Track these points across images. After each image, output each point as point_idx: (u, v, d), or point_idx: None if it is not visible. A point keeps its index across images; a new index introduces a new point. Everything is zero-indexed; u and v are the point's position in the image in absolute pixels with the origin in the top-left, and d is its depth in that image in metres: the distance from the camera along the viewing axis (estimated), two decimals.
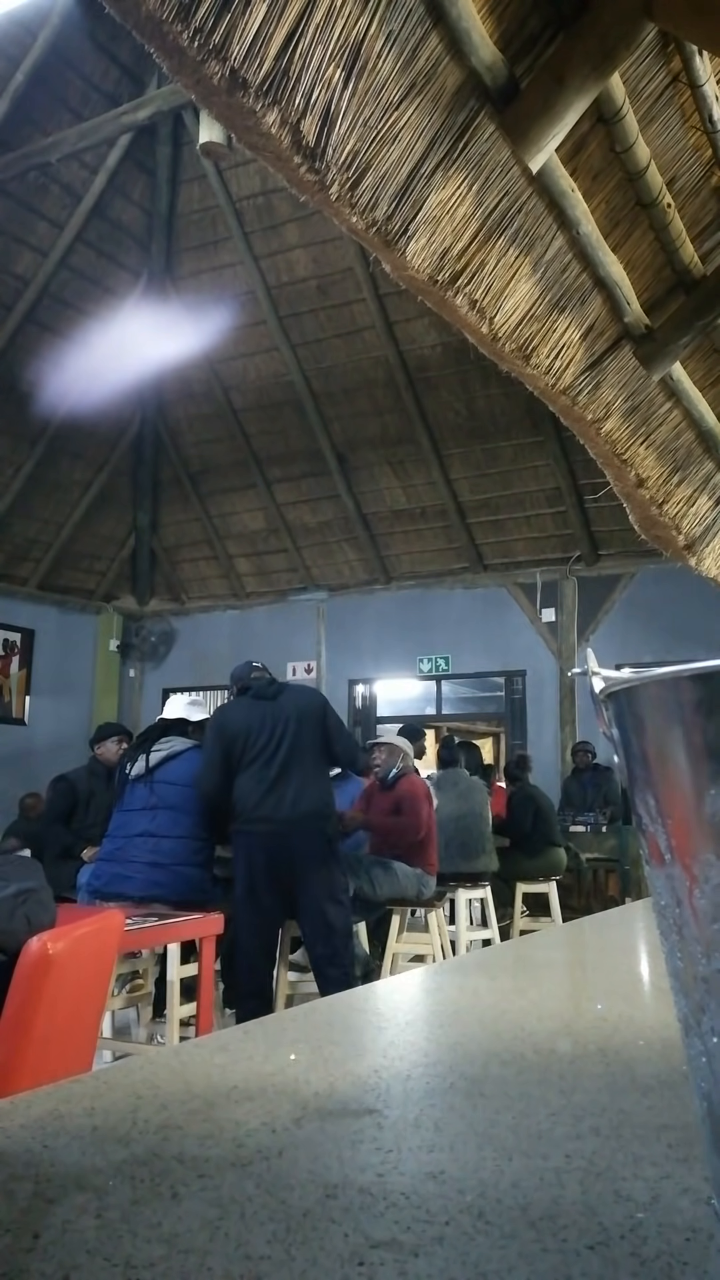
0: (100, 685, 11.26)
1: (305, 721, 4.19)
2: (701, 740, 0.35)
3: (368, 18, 1.62)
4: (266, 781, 4.05)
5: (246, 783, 4.08)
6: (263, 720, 4.17)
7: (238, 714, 4.26)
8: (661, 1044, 0.80)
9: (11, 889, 2.03)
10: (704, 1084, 0.38)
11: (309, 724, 4.20)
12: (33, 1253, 0.44)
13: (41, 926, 2.02)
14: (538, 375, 2.45)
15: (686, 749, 0.36)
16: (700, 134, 2.35)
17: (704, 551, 3.38)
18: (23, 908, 2.02)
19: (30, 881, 2.09)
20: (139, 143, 8.90)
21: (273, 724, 4.17)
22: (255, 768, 4.08)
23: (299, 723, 4.18)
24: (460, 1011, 0.99)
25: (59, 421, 9.56)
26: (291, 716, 4.18)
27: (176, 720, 4.55)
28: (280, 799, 4.03)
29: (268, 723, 4.17)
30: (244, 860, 4.04)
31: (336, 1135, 0.59)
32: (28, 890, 2.05)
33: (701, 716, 0.35)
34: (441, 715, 11.05)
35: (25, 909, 2.02)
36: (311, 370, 9.69)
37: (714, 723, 0.35)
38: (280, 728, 4.16)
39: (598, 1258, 0.43)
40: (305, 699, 4.34)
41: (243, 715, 4.23)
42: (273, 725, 4.17)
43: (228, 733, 4.18)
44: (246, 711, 4.24)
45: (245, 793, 4.07)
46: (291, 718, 4.17)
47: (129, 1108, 0.64)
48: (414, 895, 5.08)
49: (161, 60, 1.52)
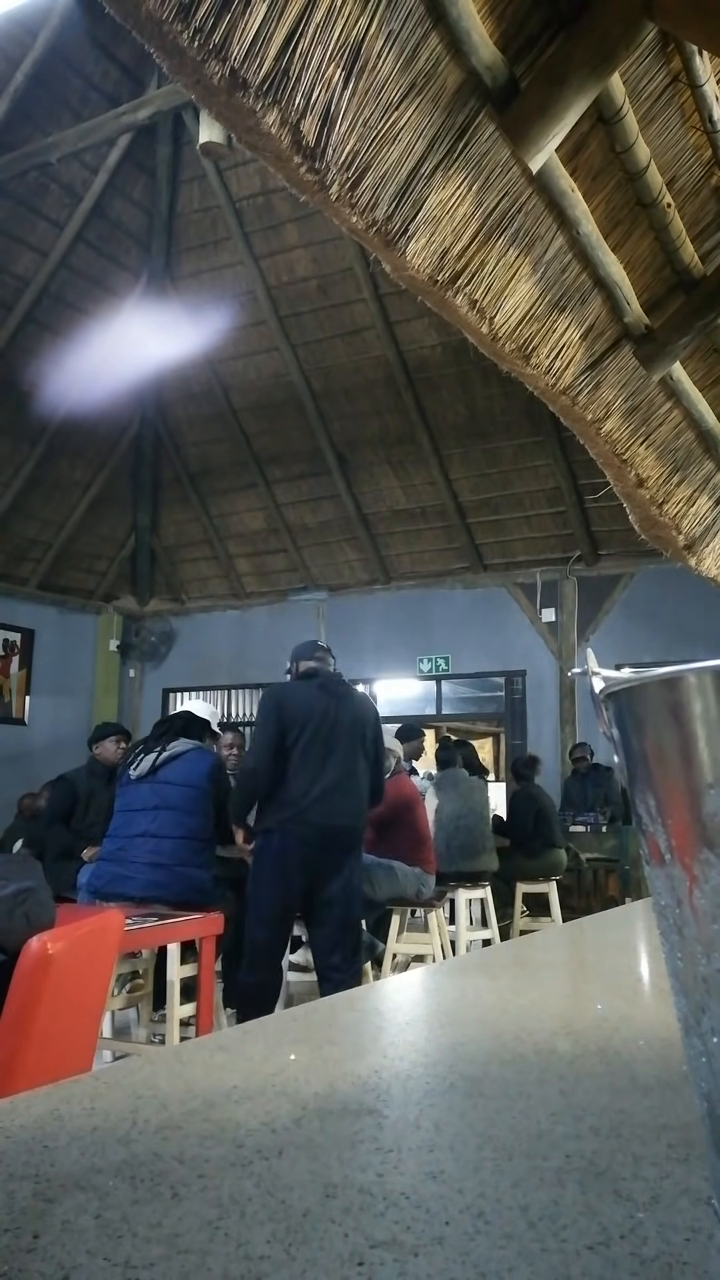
0: (100, 685, 11.26)
1: (361, 729, 4.04)
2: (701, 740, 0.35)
3: (368, 18, 1.62)
4: (324, 780, 3.87)
5: (299, 776, 3.87)
6: (325, 713, 3.96)
7: (301, 698, 4.01)
8: (661, 1044, 0.80)
9: (11, 888, 2.03)
10: (704, 1084, 0.38)
11: (362, 733, 4.05)
12: (33, 1253, 0.44)
13: (41, 925, 2.02)
14: (538, 375, 2.45)
15: (686, 749, 0.36)
16: (700, 134, 2.35)
17: (704, 551, 3.38)
18: (22, 906, 2.02)
19: (29, 880, 2.09)
20: (139, 143, 8.90)
21: (334, 721, 3.97)
22: (310, 762, 3.88)
23: (358, 728, 4.02)
24: (460, 1011, 0.99)
25: (59, 421, 9.56)
26: (353, 719, 4.02)
27: (197, 720, 4.46)
28: (336, 802, 3.87)
29: (330, 717, 3.97)
30: (278, 854, 3.83)
31: (336, 1135, 0.59)
32: (27, 889, 2.05)
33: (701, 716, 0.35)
34: (441, 715, 11.05)
35: (25, 908, 2.02)
36: (311, 370, 9.68)
37: (714, 722, 0.35)
38: (341, 727, 3.97)
39: (598, 1258, 0.43)
40: (366, 706, 4.19)
41: (306, 701, 3.99)
42: (334, 722, 3.97)
43: (287, 714, 3.95)
44: (311, 698, 4.01)
45: (297, 786, 3.86)
46: (353, 720, 4.01)
47: (129, 1108, 0.64)
48: (414, 895, 5.08)
49: (161, 60, 1.52)
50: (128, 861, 3.97)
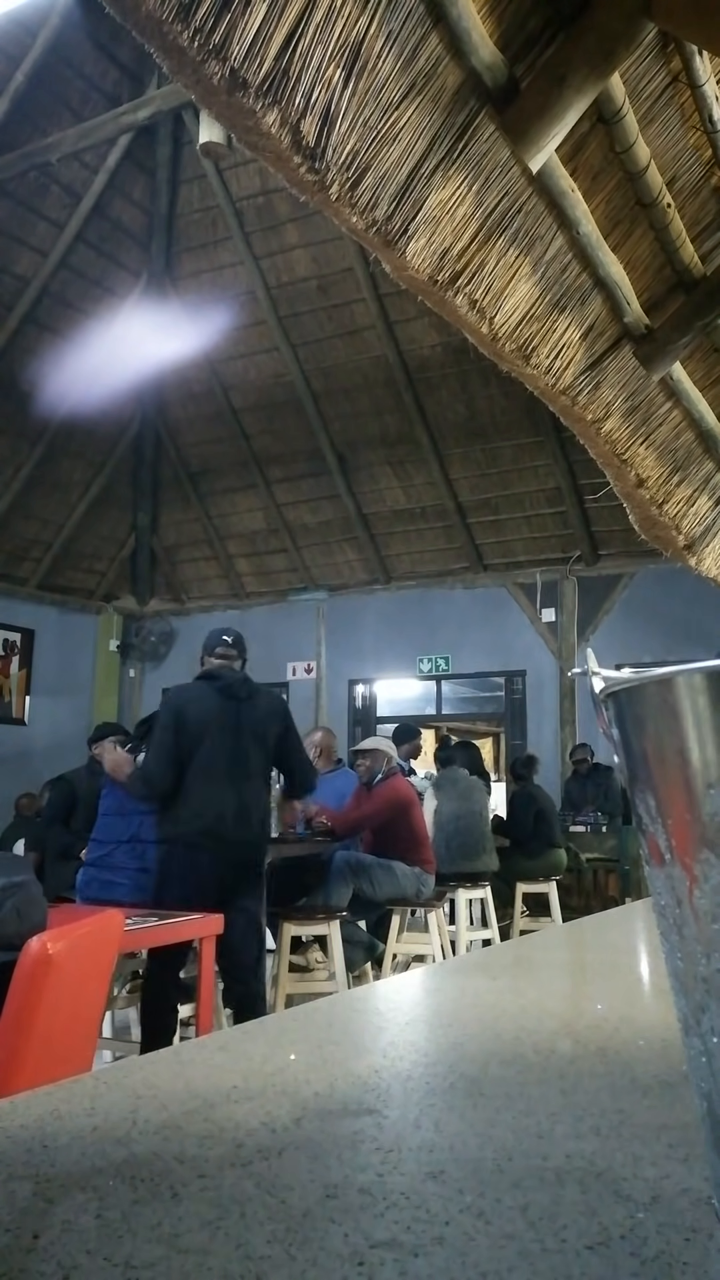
0: (100, 685, 11.26)
1: (264, 734, 3.83)
2: (701, 740, 0.35)
3: (368, 18, 1.62)
4: (224, 795, 3.67)
5: (196, 789, 3.68)
6: (226, 722, 3.76)
7: (201, 706, 3.81)
8: (661, 1044, 0.80)
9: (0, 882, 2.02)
10: (704, 1084, 0.38)
11: (270, 736, 3.84)
12: (33, 1253, 0.44)
13: (32, 921, 2.02)
14: (538, 375, 2.45)
15: (686, 749, 0.36)
16: (700, 134, 2.35)
17: (704, 551, 3.38)
18: (13, 899, 2.01)
19: (18, 876, 2.08)
20: (139, 143, 8.90)
21: (237, 729, 3.76)
22: (209, 775, 3.69)
23: (263, 733, 3.82)
24: (460, 1011, 0.99)
25: (59, 421, 9.56)
26: (258, 725, 3.81)
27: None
28: (239, 818, 3.67)
29: (231, 725, 3.76)
30: (177, 873, 3.65)
31: (336, 1135, 0.59)
32: (15, 884, 2.04)
33: (701, 716, 0.35)
34: (441, 715, 11.05)
35: (14, 901, 2.01)
36: (311, 370, 9.69)
37: (714, 723, 0.35)
38: (244, 736, 3.76)
39: (598, 1258, 0.43)
40: (272, 707, 3.93)
41: (206, 710, 3.79)
42: (237, 731, 3.76)
43: (185, 723, 3.75)
44: (211, 706, 3.81)
45: (194, 801, 3.67)
46: (257, 726, 3.80)
47: (129, 1108, 0.64)
48: (413, 894, 5.08)
49: (161, 60, 1.52)
50: (115, 868, 3.88)
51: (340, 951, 4.48)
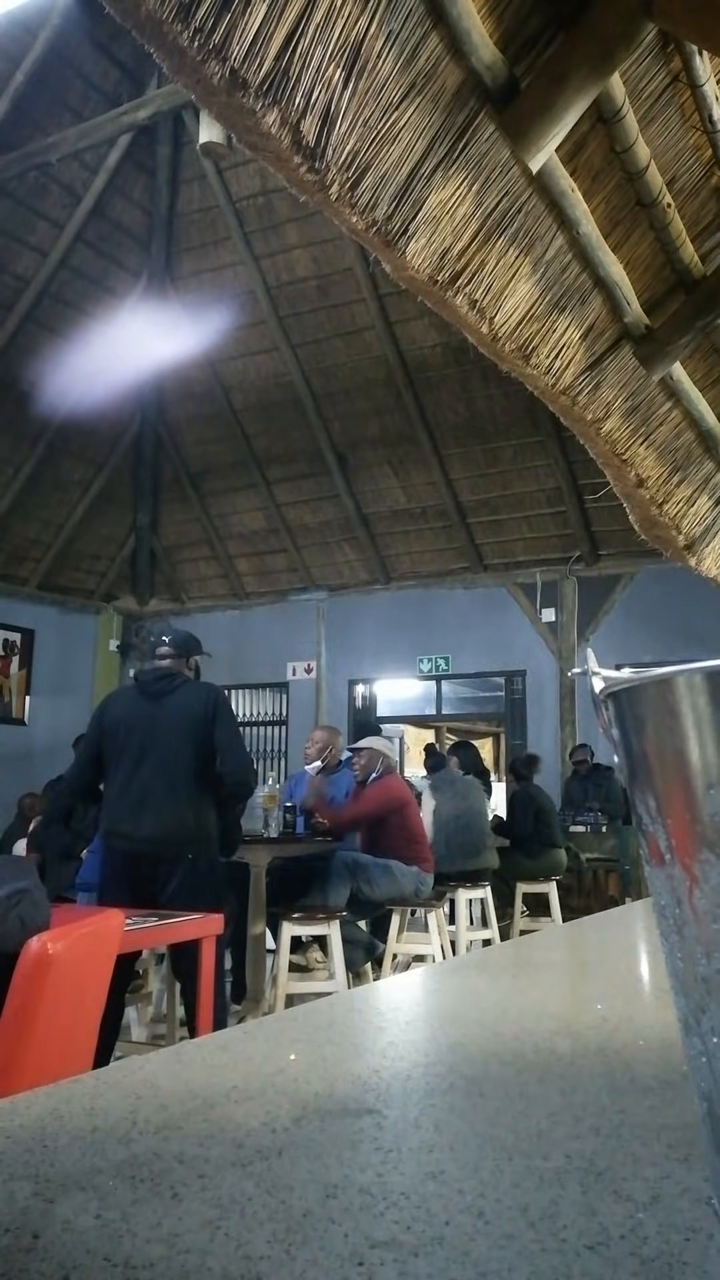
0: (100, 685, 11.25)
1: (185, 727, 3.69)
2: (701, 740, 0.35)
3: (368, 18, 1.62)
4: (127, 793, 3.64)
5: (110, 790, 3.70)
6: (138, 720, 3.72)
7: (119, 707, 3.82)
8: (661, 1044, 0.80)
9: (4, 890, 2.02)
10: (704, 1084, 0.38)
11: (193, 734, 3.68)
12: (33, 1253, 0.44)
13: (36, 926, 2.02)
14: (538, 375, 2.45)
15: (686, 749, 0.36)
16: (700, 134, 2.36)
17: (704, 551, 3.38)
18: (16, 909, 2.01)
19: (23, 882, 2.08)
20: (139, 143, 8.90)
21: (148, 726, 3.69)
22: (119, 772, 3.67)
23: (179, 731, 3.68)
24: (460, 1011, 0.99)
25: (59, 421, 9.56)
26: (172, 723, 3.70)
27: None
28: (138, 815, 3.61)
29: (145, 723, 3.70)
30: (107, 866, 3.68)
31: (336, 1135, 0.59)
32: (20, 891, 2.04)
33: (701, 717, 0.35)
34: (441, 715, 11.05)
35: (19, 910, 2.01)
36: (311, 370, 9.68)
37: (714, 722, 0.35)
38: (160, 732, 3.69)
39: (598, 1258, 0.43)
40: (195, 705, 3.73)
41: (122, 710, 3.79)
42: (150, 728, 3.69)
43: (104, 726, 3.76)
44: (128, 706, 3.80)
45: (108, 801, 3.70)
46: (171, 725, 3.70)
47: (129, 1108, 0.64)
48: (412, 894, 5.08)
49: (161, 60, 1.52)
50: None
51: (340, 951, 4.48)
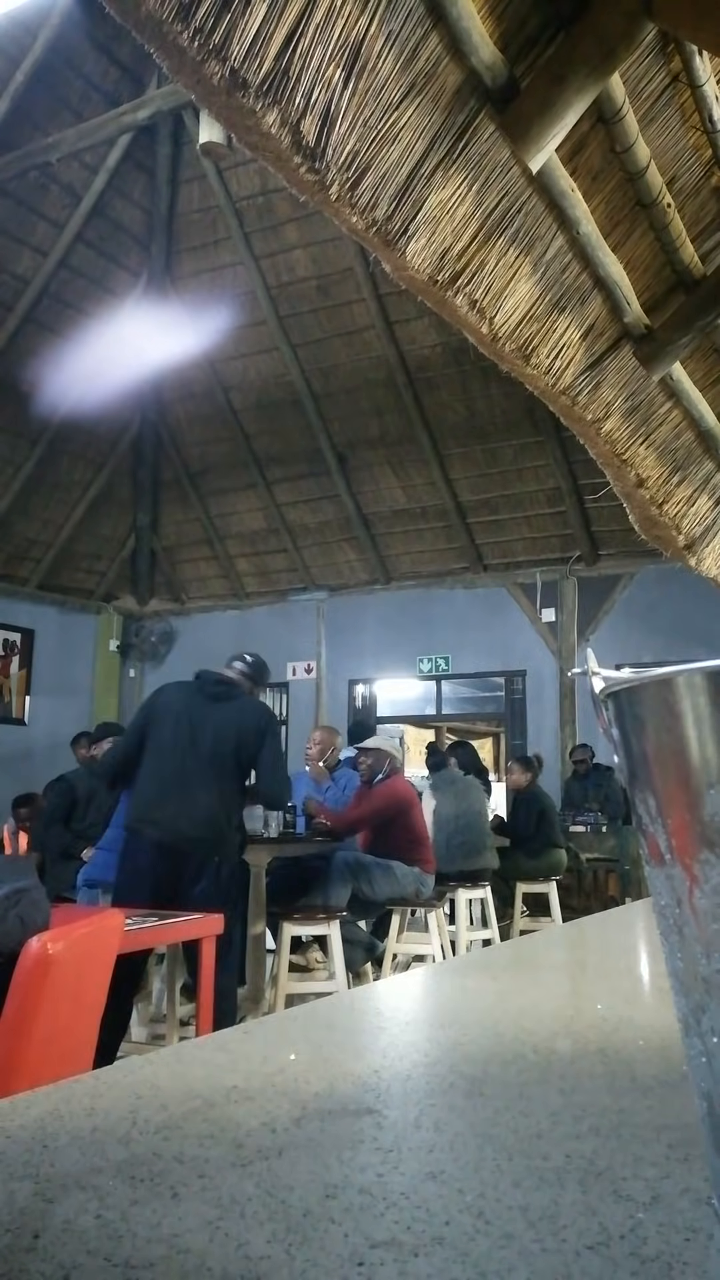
0: (100, 685, 11.26)
1: (237, 740, 3.79)
2: (701, 740, 0.35)
3: (368, 18, 1.62)
4: (167, 783, 3.70)
5: (144, 776, 3.75)
6: (185, 714, 3.79)
7: (174, 697, 3.91)
8: (661, 1044, 0.80)
9: (4, 890, 2.02)
10: (704, 1084, 0.38)
11: (240, 744, 3.79)
12: (33, 1253, 0.44)
13: (35, 926, 2.02)
14: (538, 375, 2.45)
15: (686, 749, 0.36)
16: (700, 134, 2.35)
17: (704, 551, 3.38)
18: (16, 909, 2.01)
19: (23, 881, 2.08)
20: (139, 143, 8.90)
21: (196, 723, 3.77)
22: (158, 762, 3.73)
23: (227, 738, 3.78)
24: (460, 1011, 0.99)
25: (59, 421, 9.56)
26: (223, 728, 3.78)
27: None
28: (175, 805, 3.66)
29: (194, 719, 3.78)
30: (129, 860, 3.70)
31: (336, 1135, 0.59)
32: (20, 890, 2.04)
33: (701, 716, 0.35)
34: (441, 715, 11.05)
35: (19, 909, 2.01)
36: (311, 370, 9.68)
37: (714, 722, 0.35)
38: (204, 731, 3.76)
39: (598, 1258, 0.43)
40: (249, 718, 3.88)
41: (177, 701, 3.87)
42: (195, 725, 3.77)
43: (154, 712, 3.85)
44: (184, 699, 3.88)
45: (140, 787, 3.75)
46: (222, 728, 3.78)
47: (129, 1108, 0.64)
48: (413, 894, 5.08)
49: (161, 60, 1.52)
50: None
51: (340, 951, 4.48)
